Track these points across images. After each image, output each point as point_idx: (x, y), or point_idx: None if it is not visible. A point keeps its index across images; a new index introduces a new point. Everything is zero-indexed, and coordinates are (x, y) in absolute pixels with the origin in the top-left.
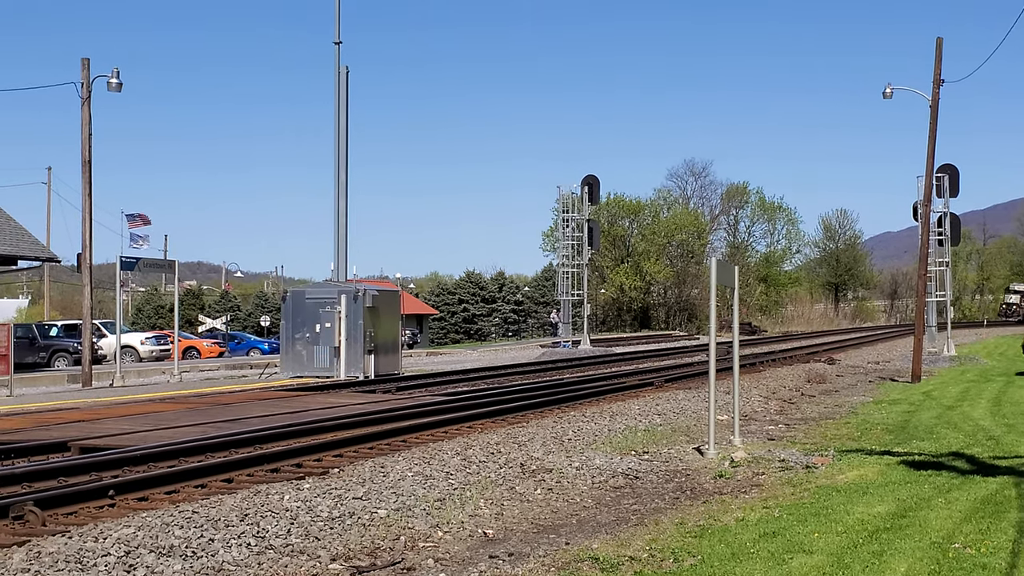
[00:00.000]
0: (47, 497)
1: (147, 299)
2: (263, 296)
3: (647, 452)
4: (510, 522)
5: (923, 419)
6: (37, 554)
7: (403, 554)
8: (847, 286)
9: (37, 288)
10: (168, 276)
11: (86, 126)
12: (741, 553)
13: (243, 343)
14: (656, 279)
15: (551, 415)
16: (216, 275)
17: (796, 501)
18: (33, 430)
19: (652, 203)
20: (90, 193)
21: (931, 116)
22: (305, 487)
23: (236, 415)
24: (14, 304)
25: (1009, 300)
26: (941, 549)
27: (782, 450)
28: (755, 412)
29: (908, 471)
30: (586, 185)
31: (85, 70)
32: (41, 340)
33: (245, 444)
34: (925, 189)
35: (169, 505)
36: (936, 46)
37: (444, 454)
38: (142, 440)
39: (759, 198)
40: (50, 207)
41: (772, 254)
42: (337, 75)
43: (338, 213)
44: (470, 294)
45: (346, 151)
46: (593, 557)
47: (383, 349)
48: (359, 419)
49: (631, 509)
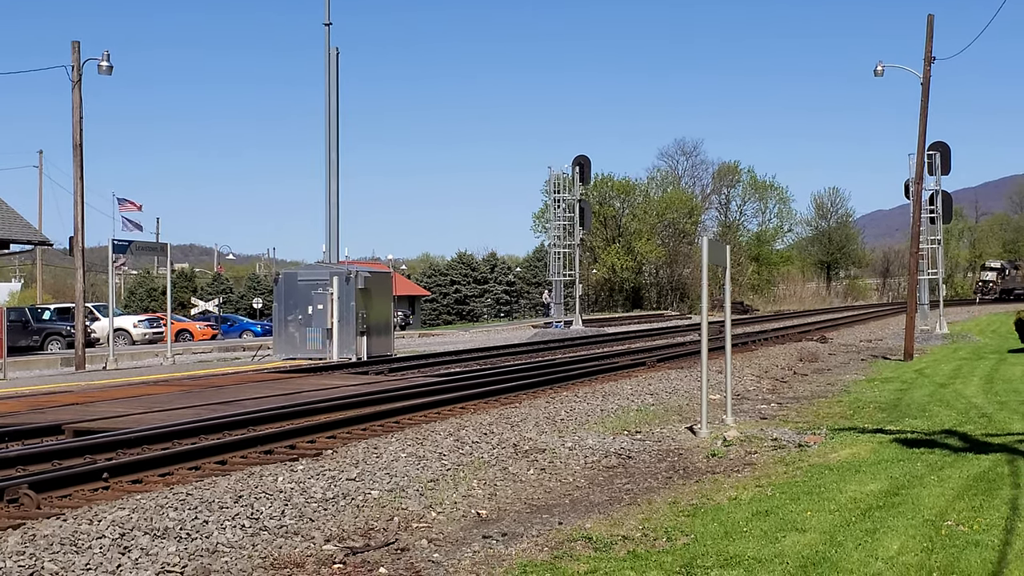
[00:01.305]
0: (41, 480)
1: (140, 282)
2: (255, 278)
3: (640, 432)
4: (503, 502)
5: (916, 397)
6: (32, 537)
7: (397, 534)
8: (839, 264)
9: (29, 272)
10: (160, 259)
11: (77, 109)
12: (734, 532)
13: (236, 325)
14: (648, 259)
15: (544, 395)
16: (208, 257)
17: (789, 480)
18: (27, 413)
19: (643, 183)
20: (82, 176)
21: (922, 94)
22: (299, 468)
23: (229, 397)
24: (7, 288)
25: (985, 278)
26: (934, 526)
27: (775, 429)
28: (747, 391)
29: (901, 449)
30: (577, 165)
31: (76, 53)
32: (34, 323)
33: (239, 426)
34: (917, 167)
35: (163, 487)
36: (927, 23)
37: (437, 435)
38: (136, 423)
39: (751, 177)
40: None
41: (764, 233)
42: (327, 56)
43: (329, 195)
44: (462, 275)
45: (337, 133)
46: (586, 536)
47: (375, 330)
48: (352, 400)
49: (624, 489)
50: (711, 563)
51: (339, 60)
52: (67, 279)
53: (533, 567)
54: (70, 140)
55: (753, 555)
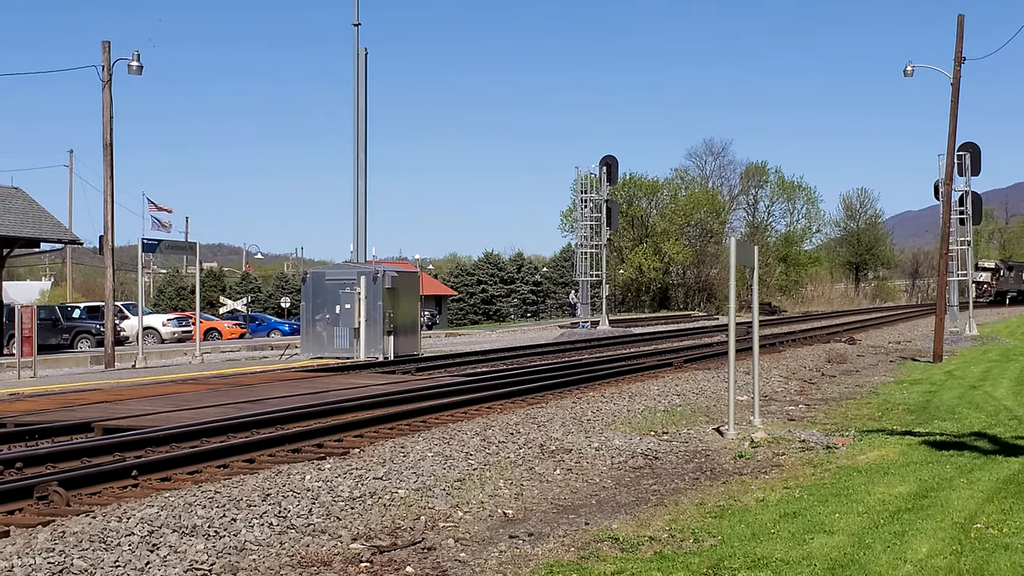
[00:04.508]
0: (71, 477)
1: (168, 281)
2: (283, 277)
3: (666, 432)
4: (530, 502)
5: (945, 399)
6: (61, 533)
7: (423, 534)
8: (868, 266)
9: (60, 270)
10: (189, 258)
11: (107, 109)
12: (761, 533)
13: (264, 324)
14: (675, 259)
15: (570, 396)
16: (237, 257)
17: (817, 482)
18: (57, 411)
19: (670, 183)
20: (112, 176)
21: (952, 94)
22: (326, 467)
23: (257, 396)
24: (37, 286)
25: (979, 279)
26: (963, 529)
27: (802, 431)
28: (775, 392)
29: (930, 451)
30: (605, 165)
31: (106, 53)
32: (64, 322)
33: (266, 425)
34: (946, 167)
35: (192, 485)
36: (958, 23)
37: (463, 434)
38: (164, 421)
39: (778, 177)
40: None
41: (792, 234)
42: (356, 57)
43: (357, 195)
44: (488, 275)
45: (365, 133)
46: (613, 537)
47: (402, 330)
48: (379, 400)
49: (651, 489)
50: (738, 564)
51: (367, 60)
52: (97, 278)
53: (559, 567)
54: (100, 139)
55: (781, 557)
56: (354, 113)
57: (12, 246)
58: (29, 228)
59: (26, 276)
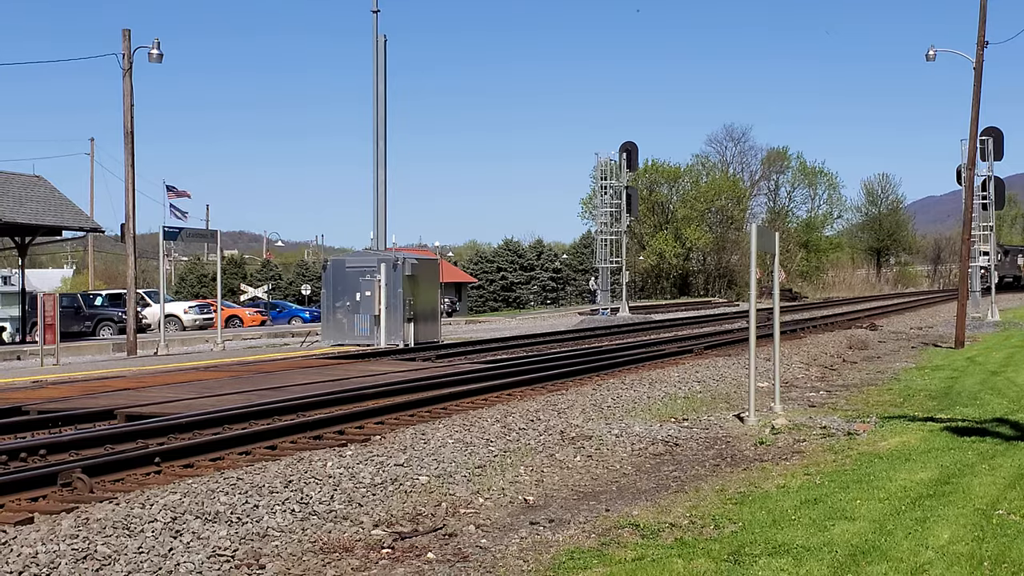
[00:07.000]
0: (94, 464)
1: (190, 268)
2: (304, 265)
3: (687, 419)
4: (550, 489)
5: (967, 385)
6: (85, 520)
7: (445, 520)
8: (889, 251)
9: (81, 258)
10: (210, 245)
11: (127, 97)
12: (782, 520)
13: (284, 311)
14: (696, 246)
15: (590, 383)
16: (257, 244)
17: (838, 468)
18: (80, 398)
19: (691, 169)
20: (133, 164)
21: (975, 78)
22: (347, 454)
23: (279, 383)
24: (59, 274)
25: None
26: (985, 516)
27: (823, 417)
28: (796, 379)
29: (951, 437)
30: (624, 151)
31: (126, 41)
32: (86, 309)
33: (288, 411)
34: (969, 152)
35: (214, 472)
36: (980, 7)
37: (484, 421)
38: (187, 408)
39: (800, 163)
40: (93, 178)
41: (813, 219)
42: (375, 44)
43: (377, 182)
44: (508, 262)
45: (384, 121)
46: (633, 524)
47: (422, 317)
48: (400, 387)
49: (671, 476)
50: (759, 551)
51: (387, 47)
52: (118, 265)
53: (580, 553)
54: (121, 127)
55: (802, 543)
56: (373, 101)
57: (34, 234)
58: (51, 216)
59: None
